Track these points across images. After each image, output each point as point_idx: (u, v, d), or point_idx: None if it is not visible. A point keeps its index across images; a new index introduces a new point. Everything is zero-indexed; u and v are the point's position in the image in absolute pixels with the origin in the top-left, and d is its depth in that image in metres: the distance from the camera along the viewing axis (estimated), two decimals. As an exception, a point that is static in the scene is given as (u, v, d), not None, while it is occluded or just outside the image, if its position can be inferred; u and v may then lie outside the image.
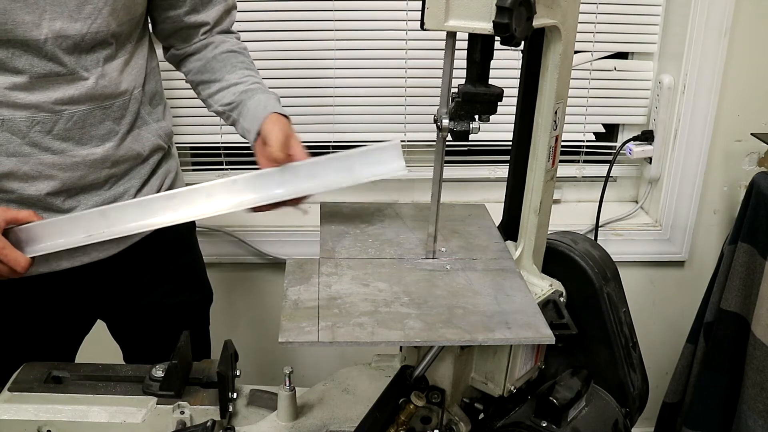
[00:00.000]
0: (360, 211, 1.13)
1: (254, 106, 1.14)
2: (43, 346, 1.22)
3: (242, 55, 1.23)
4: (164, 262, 1.28)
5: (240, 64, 1.21)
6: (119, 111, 1.11)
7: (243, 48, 1.25)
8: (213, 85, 1.20)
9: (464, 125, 0.87)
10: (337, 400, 1.03)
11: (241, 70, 1.20)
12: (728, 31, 1.63)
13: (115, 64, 1.08)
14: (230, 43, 1.23)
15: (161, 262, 1.27)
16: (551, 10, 0.87)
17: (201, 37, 1.21)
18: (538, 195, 1.01)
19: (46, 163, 1.06)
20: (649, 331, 1.88)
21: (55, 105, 1.03)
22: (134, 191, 1.16)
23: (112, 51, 1.07)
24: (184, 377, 1.03)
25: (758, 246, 1.51)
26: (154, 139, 1.18)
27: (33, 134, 1.04)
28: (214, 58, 1.21)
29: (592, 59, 1.76)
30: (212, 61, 1.21)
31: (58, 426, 0.98)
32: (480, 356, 1.00)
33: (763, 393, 1.48)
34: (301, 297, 0.89)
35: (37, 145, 1.05)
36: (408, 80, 1.73)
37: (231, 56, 1.21)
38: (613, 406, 1.09)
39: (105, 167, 1.11)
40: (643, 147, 1.78)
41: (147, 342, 1.33)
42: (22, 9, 0.96)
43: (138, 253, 1.20)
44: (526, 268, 1.05)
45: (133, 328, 1.34)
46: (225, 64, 1.20)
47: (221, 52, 1.21)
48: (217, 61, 1.21)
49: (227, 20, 1.23)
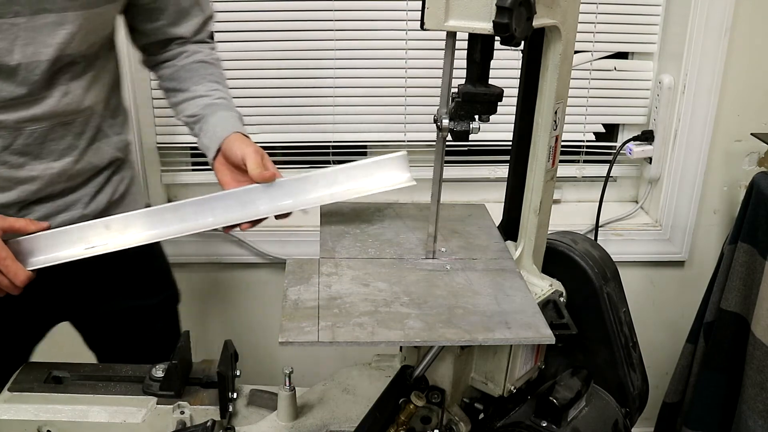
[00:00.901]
0: (360, 211, 1.13)
1: (215, 123, 1.13)
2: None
3: (213, 66, 1.22)
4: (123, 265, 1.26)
5: (209, 75, 1.20)
6: (81, 126, 1.10)
7: (215, 59, 1.24)
8: (179, 94, 1.20)
9: (464, 125, 0.87)
10: (337, 400, 1.03)
11: (209, 83, 1.19)
12: (728, 31, 1.63)
13: (81, 82, 1.07)
14: (203, 53, 1.22)
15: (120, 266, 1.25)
16: (551, 10, 0.87)
17: (175, 46, 1.20)
18: (538, 195, 1.01)
19: (2, 177, 1.04)
20: (649, 331, 1.88)
21: (17, 123, 1.02)
22: (87, 199, 1.15)
23: (79, 70, 1.06)
24: (184, 377, 1.03)
25: (758, 246, 1.51)
26: (113, 152, 1.17)
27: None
28: (184, 67, 1.20)
29: (592, 59, 1.76)
30: (181, 70, 1.20)
31: (58, 426, 0.98)
32: (480, 356, 1.00)
33: (763, 393, 1.48)
34: (301, 297, 0.89)
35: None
36: (408, 80, 1.73)
37: (201, 67, 1.20)
38: (613, 406, 1.09)
39: (62, 181, 1.11)
40: (643, 147, 1.79)
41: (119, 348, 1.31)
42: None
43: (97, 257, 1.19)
44: (526, 268, 1.05)
45: (103, 335, 1.33)
46: (193, 75, 1.19)
47: (192, 62, 1.20)
48: (186, 70, 1.20)
49: (204, 32, 1.22)
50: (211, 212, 1.05)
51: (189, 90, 1.19)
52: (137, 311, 1.31)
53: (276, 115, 1.76)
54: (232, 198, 1.05)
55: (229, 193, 1.05)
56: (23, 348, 1.28)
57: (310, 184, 1.06)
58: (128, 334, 1.31)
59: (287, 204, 1.05)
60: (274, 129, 1.77)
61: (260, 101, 1.74)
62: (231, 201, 1.05)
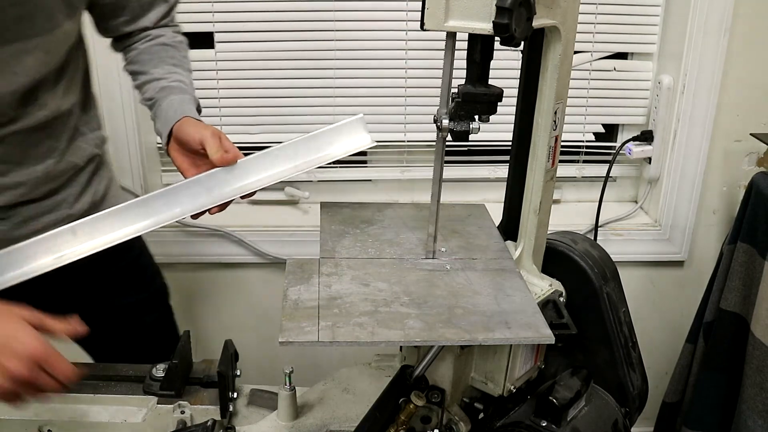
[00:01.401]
0: (360, 211, 1.13)
1: (166, 108, 1.12)
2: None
3: (174, 49, 1.21)
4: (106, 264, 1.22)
5: (169, 59, 1.19)
6: (58, 129, 1.11)
7: (178, 41, 1.22)
8: (139, 77, 1.19)
9: (464, 125, 0.87)
10: (337, 400, 1.03)
11: (168, 66, 1.18)
12: (728, 31, 1.63)
13: (56, 91, 1.07)
14: (166, 36, 1.20)
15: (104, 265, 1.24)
16: (551, 11, 0.87)
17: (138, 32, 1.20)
18: (538, 195, 1.01)
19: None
20: (649, 331, 1.88)
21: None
22: (72, 199, 1.16)
23: (51, 82, 1.06)
24: (185, 377, 1.03)
25: (757, 246, 1.52)
26: (91, 149, 1.18)
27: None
28: (145, 50, 1.19)
29: (591, 59, 1.76)
30: (143, 53, 1.19)
31: (58, 426, 0.98)
32: (480, 356, 1.00)
33: (762, 393, 1.49)
34: (301, 297, 0.89)
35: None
36: (408, 80, 1.73)
37: (162, 50, 1.19)
38: (612, 405, 1.09)
39: (46, 182, 1.11)
40: (643, 147, 1.79)
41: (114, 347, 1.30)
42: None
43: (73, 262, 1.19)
44: (526, 268, 1.05)
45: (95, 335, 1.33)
46: (153, 57, 1.18)
47: (153, 45, 1.19)
48: (146, 53, 1.19)
49: (167, 18, 1.22)
50: (178, 202, 1.03)
51: (147, 73, 1.18)
52: (126, 308, 1.31)
53: (276, 115, 1.76)
54: (196, 185, 1.03)
55: (193, 180, 1.04)
56: None
57: (271, 160, 1.05)
58: (120, 332, 1.30)
59: (252, 183, 1.04)
60: (274, 129, 1.77)
61: (260, 101, 1.74)
62: (196, 188, 1.03)
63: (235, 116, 1.75)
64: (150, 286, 1.38)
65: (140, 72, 1.19)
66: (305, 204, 1.85)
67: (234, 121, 1.75)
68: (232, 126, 1.74)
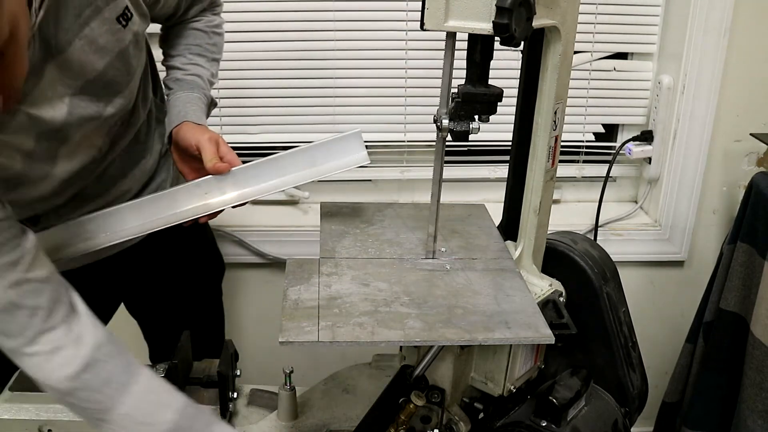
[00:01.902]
0: (360, 211, 1.13)
1: (170, 108, 1.14)
2: None
3: (205, 35, 1.21)
4: (178, 236, 1.28)
5: (195, 47, 1.20)
6: (144, 132, 1.14)
7: (213, 26, 1.23)
8: (166, 59, 1.21)
9: (464, 125, 0.87)
10: (337, 400, 1.03)
11: (191, 55, 1.19)
12: (728, 31, 1.63)
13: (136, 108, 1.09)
14: (202, 21, 1.21)
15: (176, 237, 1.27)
16: (551, 11, 0.87)
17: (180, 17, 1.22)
18: (538, 195, 1.01)
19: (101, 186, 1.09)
20: (649, 331, 1.88)
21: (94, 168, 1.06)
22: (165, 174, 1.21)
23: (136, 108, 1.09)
24: (185, 377, 1.03)
25: (757, 246, 1.52)
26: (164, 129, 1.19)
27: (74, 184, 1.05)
28: (177, 32, 1.21)
29: (591, 59, 1.76)
30: (174, 34, 1.21)
31: (58, 426, 0.98)
32: (480, 356, 1.00)
33: (762, 393, 1.48)
34: (301, 297, 0.89)
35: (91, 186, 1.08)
36: (408, 80, 1.73)
37: (191, 34, 1.20)
38: (612, 405, 1.09)
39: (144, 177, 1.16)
40: (643, 147, 1.79)
41: (164, 315, 1.34)
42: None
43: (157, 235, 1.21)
44: (526, 268, 1.05)
45: (150, 304, 1.35)
46: (180, 42, 1.20)
47: (185, 27, 1.21)
48: (176, 35, 1.21)
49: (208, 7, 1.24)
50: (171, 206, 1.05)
51: (171, 57, 1.20)
52: (187, 280, 1.34)
53: (276, 115, 1.76)
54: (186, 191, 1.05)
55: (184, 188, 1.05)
56: None
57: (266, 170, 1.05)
58: (176, 302, 1.34)
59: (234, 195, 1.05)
60: (274, 129, 1.77)
61: (260, 101, 1.74)
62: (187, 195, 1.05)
63: (235, 116, 1.75)
64: (212, 261, 1.42)
65: (167, 54, 1.22)
66: (305, 204, 1.85)
67: (233, 121, 1.75)
68: (231, 126, 1.74)
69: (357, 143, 1.05)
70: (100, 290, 1.23)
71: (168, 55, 1.21)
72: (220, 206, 1.04)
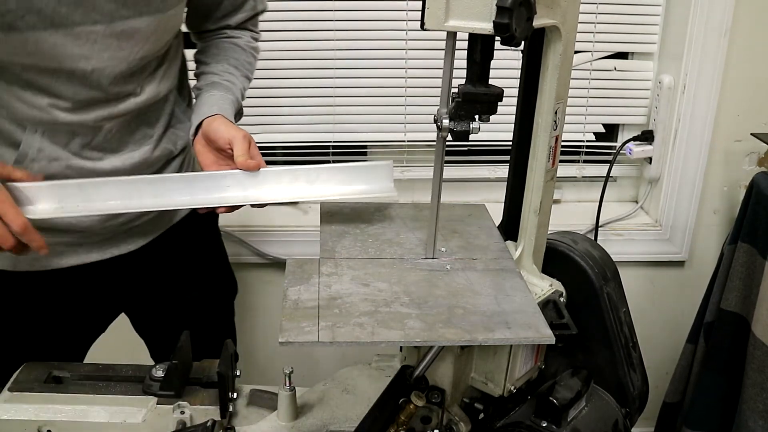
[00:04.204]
0: (360, 211, 1.13)
1: (204, 101, 1.13)
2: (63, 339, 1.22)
3: (243, 52, 1.23)
4: (190, 253, 1.28)
5: (233, 59, 1.21)
6: (155, 115, 1.12)
7: (252, 47, 1.25)
8: (200, 66, 1.22)
9: (464, 125, 0.87)
10: (337, 400, 1.03)
11: (228, 65, 1.20)
12: (728, 31, 1.63)
13: (156, 76, 1.09)
14: (242, 39, 1.24)
15: (187, 254, 1.27)
16: (551, 10, 0.87)
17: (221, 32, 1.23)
18: (538, 195, 1.01)
19: (86, 169, 1.06)
20: (649, 331, 1.88)
21: (96, 122, 1.04)
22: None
23: (153, 66, 1.08)
24: (185, 377, 1.03)
25: (758, 246, 1.51)
26: (186, 136, 1.18)
27: (72, 145, 1.05)
28: (216, 44, 1.22)
29: (592, 59, 1.76)
30: (213, 47, 1.23)
31: (58, 426, 0.98)
32: (480, 356, 1.00)
33: (763, 393, 1.48)
34: (301, 297, 0.89)
35: (77, 154, 1.05)
36: (408, 80, 1.73)
37: (230, 48, 1.22)
38: (613, 406, 1.09)
39: (142, 169, 1.12)
40: (643, 147, 1.79)
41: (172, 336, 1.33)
42: (73, 43, 0.95)
43: (164, 245, 1.21)
44: (526, 268, 1.05)
45: (158, 323, 1.35)
46: (219, 53, 1.22)
47: (225, 42, 1.22)
48: (215, 47, 1.22)
49: (250, 23, 1.26)
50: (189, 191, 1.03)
51: (207, 64, 1.21)
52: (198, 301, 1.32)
53: (276, 115, 1.76)
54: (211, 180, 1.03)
55: (211, 175, 1.04)
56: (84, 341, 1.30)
57: (291, 178, 1.05)
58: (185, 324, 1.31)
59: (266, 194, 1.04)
60: (274, 129, 1.77)
61: (260, 101, 1.74)
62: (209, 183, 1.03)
63: (235, 116, 1.75)
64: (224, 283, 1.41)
65: (202, 62, 1.23)
66: (305, 204, 1.85)
67: (234, 121, 1.75)
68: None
69: (387, 173, 1.06)
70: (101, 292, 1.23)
71: (203, 63, 1.22)
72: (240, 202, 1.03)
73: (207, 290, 1.34)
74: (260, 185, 1.04)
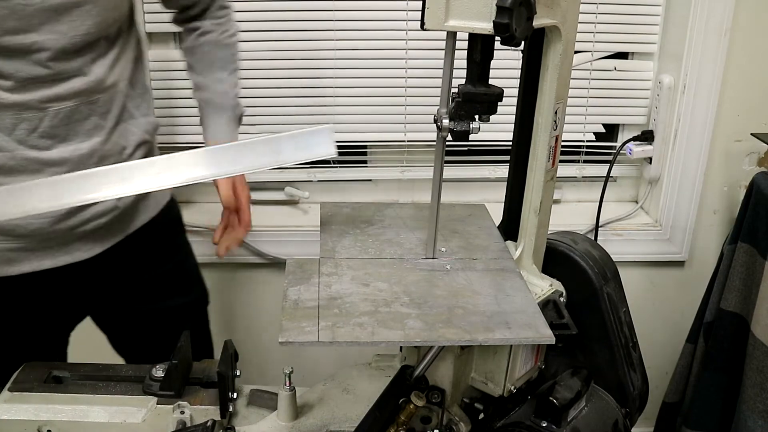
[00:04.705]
0: (360, 211, 1.13)
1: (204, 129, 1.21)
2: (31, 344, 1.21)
3: (224, 48, 1.26)
4: (151, 263, 1.27)
5: (218, 61, 1.25)
6: (105, 105, 1.10)
7: (229, 36, 1.28)
8: (192, 74, 1.27)
9: (464, 125, 0.87)
10: (337, 400, 1.03)
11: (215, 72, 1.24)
12: (728, 31, 1.63)
13: (104, 62, 1.08)
14: (216, 32, 1.26)
15: (148, 264, 1.26)
16: (551, 10, 0.87)
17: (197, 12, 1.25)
18: (538, 195, 1.01)
19: (30, 159, 1.05)
20: (649, 331, 1.88)
21: (41, 103, 1.03)
22: None
23: (101, 50, 1.07)
24: (185, 377, 1.03)
25: (758, 246, 1.51)
26: (140, 134, 1.17)
27: (18, 132, 1.03)
28: (197, 48, 1.26)
29: (592, 59, 1.76)
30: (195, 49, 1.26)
31: (58, 426, 0.98)
32: (480, 356, 1.00)
33: (762, 393, 1.48)
34: (301, 297, 0.89)
35: (24, 143, 1.04)
36: (408, 80, 1.73)
37: (212, 50, 1.25)
38: (613, 406, 1.09)
39: (91, 163, 1.10)
40: (643, 147, 1.79)
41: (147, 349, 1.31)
42: (10, 16, 0.95)
43: (122, 253, 1.19)
44: (526, 268, 1.05)
45: (131, 336, 1.34)
46: (203, 58, 1.26)
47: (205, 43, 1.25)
48: (198, 52, 1.26)
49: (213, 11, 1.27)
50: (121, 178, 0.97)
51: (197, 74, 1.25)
52: (168, 312, 1.31)
53: (276, 115, 1.76)
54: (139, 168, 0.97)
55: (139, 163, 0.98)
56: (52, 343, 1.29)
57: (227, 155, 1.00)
58: (156, 335, 1.30)
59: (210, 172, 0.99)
60: (275, 129, 1.77)
61: (260, 101, 1.74)
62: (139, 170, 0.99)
63: (235, 116, 1.75)
64: (193, 291, 1.39)
65: (192, 69, 1.27)
66: (305, 204, 1.85)
67: (234, 121, 1.75)
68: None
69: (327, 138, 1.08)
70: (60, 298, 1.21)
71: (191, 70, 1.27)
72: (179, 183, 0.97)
73: (172, 299, 1.32)
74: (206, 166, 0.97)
